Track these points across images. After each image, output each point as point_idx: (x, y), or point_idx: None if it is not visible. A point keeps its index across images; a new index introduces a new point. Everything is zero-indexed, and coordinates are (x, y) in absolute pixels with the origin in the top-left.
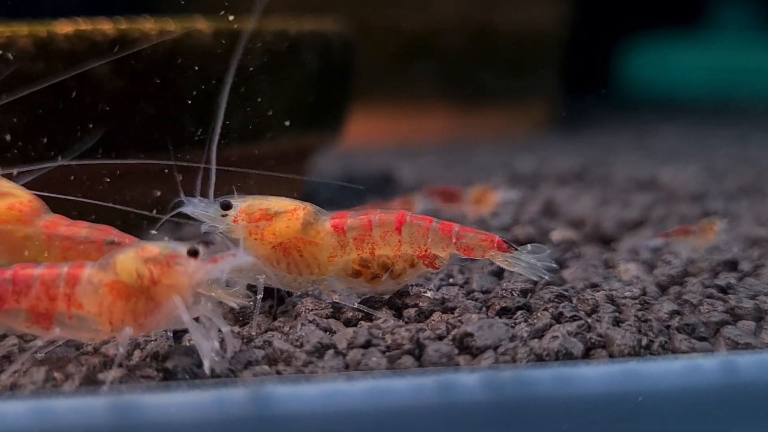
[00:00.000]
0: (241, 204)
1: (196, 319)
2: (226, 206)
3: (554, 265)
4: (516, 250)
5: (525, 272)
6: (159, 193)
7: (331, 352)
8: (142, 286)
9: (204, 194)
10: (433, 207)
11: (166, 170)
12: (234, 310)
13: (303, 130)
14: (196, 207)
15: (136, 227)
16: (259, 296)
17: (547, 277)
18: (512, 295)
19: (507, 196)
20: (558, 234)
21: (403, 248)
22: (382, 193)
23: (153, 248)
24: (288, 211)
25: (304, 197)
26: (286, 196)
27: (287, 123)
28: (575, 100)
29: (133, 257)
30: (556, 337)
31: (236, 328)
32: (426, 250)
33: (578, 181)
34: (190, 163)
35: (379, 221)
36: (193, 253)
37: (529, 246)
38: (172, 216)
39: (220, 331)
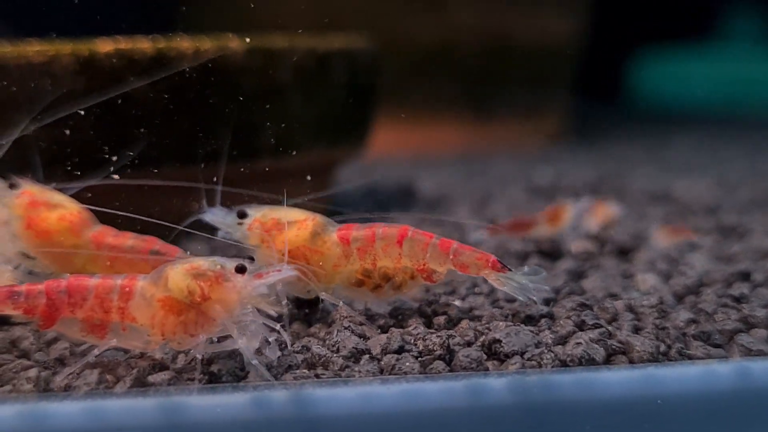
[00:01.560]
0: (256, 213)
1: (241, 327)
2: (242, 215)
3: (546, 288)
4: (509, 270)
5: (514, 293)
6: (197, 205)
7: (366, 357)
8: (192, 301)
9: (225, 204)
10: (502, 240)
11: (202, 184)
12: (272, 317)
13: (330, 143)
14: (215, 215)
15: (178, 237)
16: (284, 302)
17: (535, 300)
18: (536, 304)
19: (579, 208)
20: (578, 245)
21: (403, 261)
22: (403, 206)
23: (203, 265)
24: (299, 221)
25: (331, 209)
26: (313, 209)
27: (315, 137)
28: (588, 111)
29: (184, 274)
30: (579, 343)
31: (274, 336)
32: (424, 264)
33: (594, 194)
34: (210, 185)
35: (382, 234)
36: (241, 270)
37: (526, 267)
38: (191, 224)
39: (266, 339)
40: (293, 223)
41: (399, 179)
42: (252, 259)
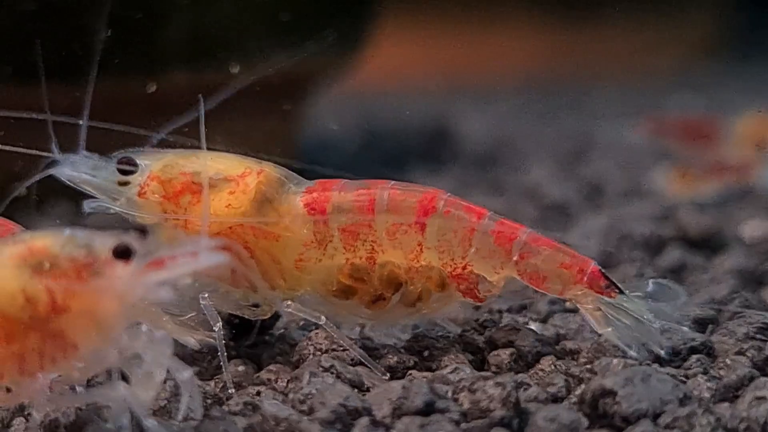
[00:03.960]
0: (153, 164)
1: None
2: (129, 166)
3: (685, 329)
4: (619, 291)
5: (621, 340)
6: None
7: (364, 421)
8: (34, 316)
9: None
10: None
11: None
12: (189, 351)
13: (296, 46)
14: (77, 168)
15: (13, 209)
16: (218, 325)
17: (663, 353)
18: (680, 327)
19: None
20: (752, 227)
21: (425, 256)
22: (431, 160)
23: (51, 246)
24: (232, 179)
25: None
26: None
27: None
28: (755, 12)
29: (14, 267)
30: (763, 398)
31: (191, 383)
32: (464, 267)
33: None
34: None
35: (389, 203)
36: (123, 253)
37: (650, 284)
38: (37, 183)
39: (168, 381)
40: (222, 181)
41: (424, 118)
42: (143, 231)
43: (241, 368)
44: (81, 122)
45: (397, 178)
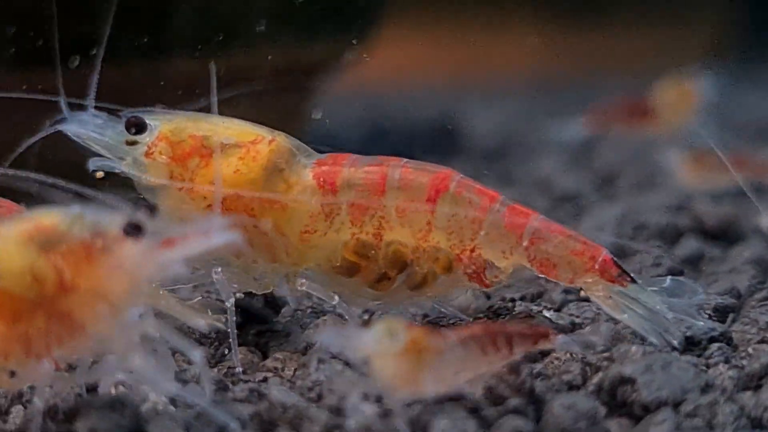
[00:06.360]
0: (163, 125)
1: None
2: (138, 126)
3: (701, 323)
4: (631, 280)
5: (637, 326)
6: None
7: (372, 408)
8: (42, 295)
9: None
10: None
11: None
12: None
13: (302, 34)
14: (84, 125)
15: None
16: (230, 303)
17: (676, 343)
18: (700, 315)
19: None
20: None
21: (433, 236)
22: (438, 154)
23: (58, 224)
24: (242, 144)
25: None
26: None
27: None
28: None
29: (22, 244)
30: None
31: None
32: (473, 249)
33: None
34: None
35: (400, 180)
36: (134, 229)
37: (668, 280)
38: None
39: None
40: (233, 146)
41: (432, 115)
42: (152, 208)
43: (247, 356)
44: (92, 80)
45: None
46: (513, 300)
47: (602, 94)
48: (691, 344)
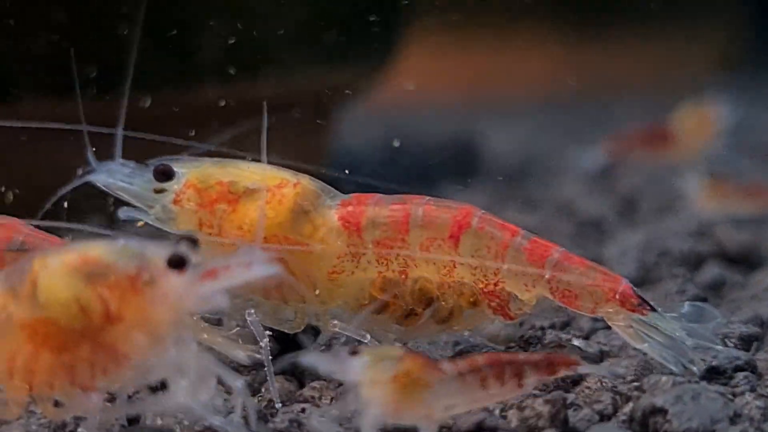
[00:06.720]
0: (190, 172)
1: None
2: (165, 174)
3: (719, 347)
4: (651, 309)
5: (657, 355)
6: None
7: None
8: (87, 325)
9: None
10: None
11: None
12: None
13: (325, 63)
14: (113, 175)
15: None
16: (264, 340)
17: (695, 369)
18: (726, 345)
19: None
20: None
21: (458, 272)
22: (459, 174)
23: (104, 256)
24: (269, 189)
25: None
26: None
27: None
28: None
29: (68, 275)
30: None
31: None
32: (496, 284)
33: None
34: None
35: (423, 218)
36: (178, 263)
37: (686, 306)
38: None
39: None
40: (258, 190)
41: (451, 133)
42: (194, 241)
43: (284, 385)
44: (117, 131)
45: (427, 194)
46: (543, 328)
47: (620, 112)
48: (717, 373)
